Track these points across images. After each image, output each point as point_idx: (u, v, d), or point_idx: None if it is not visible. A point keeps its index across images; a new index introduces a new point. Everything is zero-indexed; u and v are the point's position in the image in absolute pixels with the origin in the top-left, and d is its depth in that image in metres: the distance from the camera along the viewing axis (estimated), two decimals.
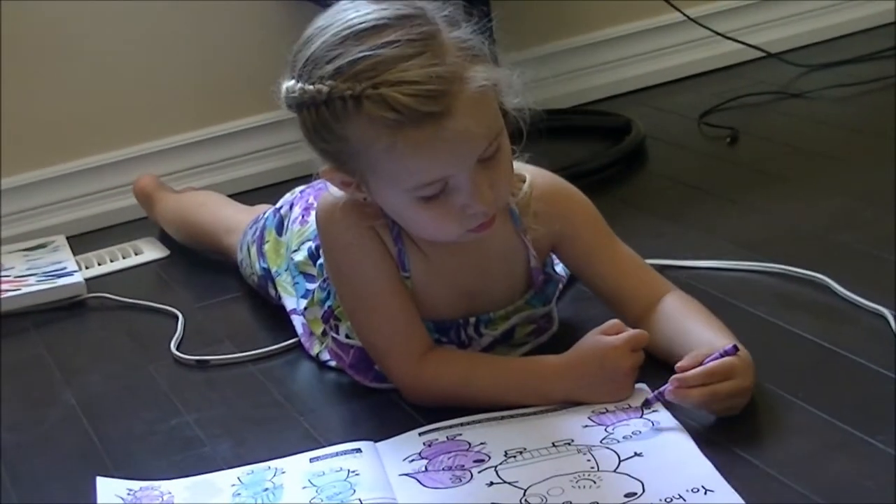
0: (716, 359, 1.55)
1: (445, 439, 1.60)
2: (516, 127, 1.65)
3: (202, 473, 1.63)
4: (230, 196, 2.58)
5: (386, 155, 1.55)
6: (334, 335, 1.83)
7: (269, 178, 2.77)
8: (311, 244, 1.90)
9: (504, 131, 1.62)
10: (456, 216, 1.61)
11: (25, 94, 2.62)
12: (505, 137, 1.63)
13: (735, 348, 1.55)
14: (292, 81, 1.60)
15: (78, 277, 2.33)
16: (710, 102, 2.84)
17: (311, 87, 1.57)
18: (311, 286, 1.88)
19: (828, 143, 2.54)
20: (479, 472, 1.53)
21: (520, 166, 1.73)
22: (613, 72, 3.05)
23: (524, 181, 1.75)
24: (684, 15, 2.95)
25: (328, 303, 1.82)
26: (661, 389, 1.56)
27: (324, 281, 1.83)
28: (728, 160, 2.55)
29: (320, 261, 1.82)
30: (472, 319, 1.79)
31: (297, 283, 1.94)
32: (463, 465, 1.54)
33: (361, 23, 1.56)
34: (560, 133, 2.69)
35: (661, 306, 1.74)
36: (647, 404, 1.57)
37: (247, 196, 2.64)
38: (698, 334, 1.65)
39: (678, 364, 1.57)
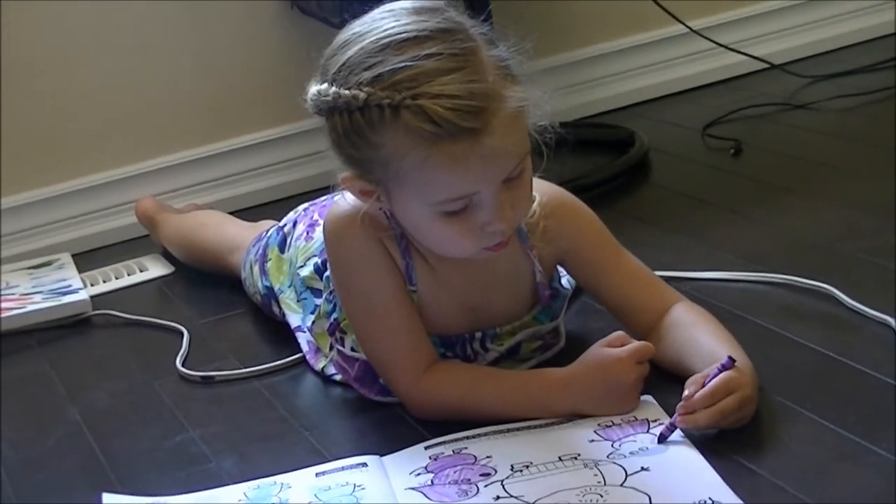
0: (715, 375, 1.54)
1: (451, 453, 1.60)
2: (537, 147, 1.65)
3: (207, 489, 1.63)
4: (235, 213, 2.59)
5: (418, 166, 1.55)
6: (340, 347, 1.82)
7: (273, 195, 2.78)
8: (317, 259, 1.90)
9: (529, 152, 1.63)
10: (475, 233, 1.61)
11: (29, 111, 2.63)
12: (529, 159, 1.63)
13: (731, 360, 1.55)
14: (325, 85, 1.59)
15: (83, 295, 2.33)
16: (714, 114, 2.84)
17: (346, 91, 1.55)
18: (319, 301, 1.88)
19: (832, 154, 2.54)
20: (486, 486, 1.52)
21: None
22: (617, 84, 3.05)
23: (534, 200, 1.75)
24: (687, 27, 2.95)
25: (334, 315, 1.82)
26: (672, 420, 1.56)
27: (330, 293, 1.82)
28: (732, 172, 2.55)
29: (327, 273, 1.82)
30: (478, 334, 1.78)
31: (305, 298, 1.94)
32: (469, 479, 1.54)
33: (402, 32, 1.56)
34: (564, 146, 2.69)
35: (668, 317, 1.74)
36: (661, 438, 1.56)
37: (251, 212, 2.64)
38: (706, 346, 1.65)
39: (684, 395, 1.56)
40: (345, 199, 1.74)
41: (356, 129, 1.56)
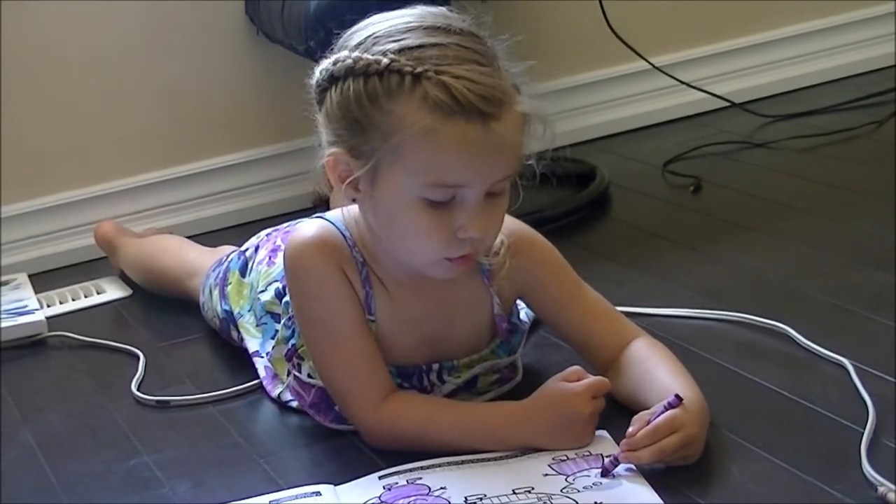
0: (660, 413, 1.55)
1: (405, 483, 1.60)
2: (514, 184, 1.66)
3: None
4: (196, 237, 2.58)
5: (423, 140, 1.56)
6: (297, 374, 1.82)
7: (235, 219, 2.77)
8: (279, 284, 1.90)
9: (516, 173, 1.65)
10: (448, 234, 1.61)
11: None
12: (508, 185, 1.64)
13: (678, 398, 1.56)
14: (345, 52, 1.61)
15: (39, 316, 2.32)
16: (675, 151, 2.86)
17: (369, 56, 1.58)
18: (279, 326, 1.88)
19: (790, 193, 2.56)
20: None
21: None
22: (579, 118, 3.06)
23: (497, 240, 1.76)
24: (650, 63, 2.97)
25: (292, 341, 1.82)
26: (616, 454, 1.57)
27: (288, 319, 1.82)
28: (691, 209, 2.56)
29: (286, 298, 1.82)
30: (436, 366, 1.79)
31: (265, 323, 1.93)
32: None
33: (434, 22, 1.60)
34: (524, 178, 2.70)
35: (627, 352, 1.75)
36: (605, 472, 1.57)
37: (212, 237, 2.63)
38: (661, 382, 1.65)
39: (628, 431, 1.57)
40: (308, 226, 1.74)
41: (370, 93, 1.58)
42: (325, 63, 1.63)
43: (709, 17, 3.15)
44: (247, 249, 2.06)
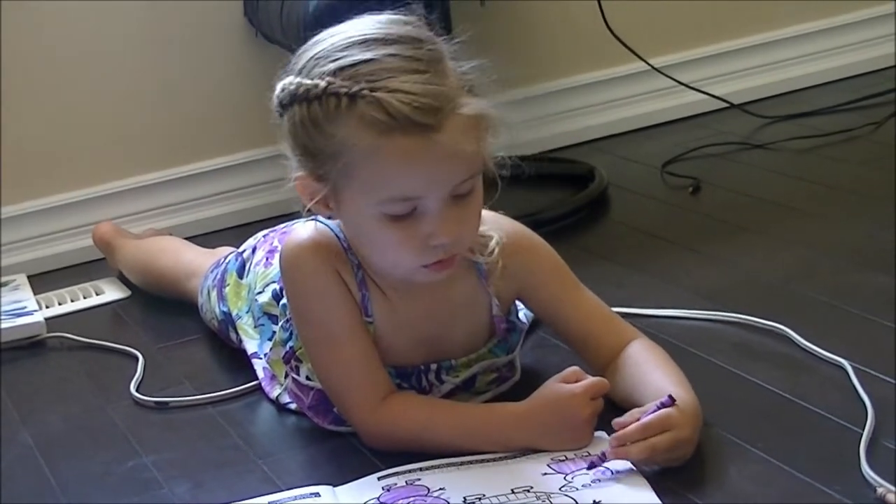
0: (653, 412, 1.55)
1: (404, 484, 1.60)
2: (492, 178, 1.66)
3: None
4: (194, 237, 2.58)
5: (367, 158, 1.56)
6: (294, 376, 1.82)
7: (233, 220, 2.77)
8: (276, 286, 1.90)
9: (481, 174, 1.64)
10: (419, 244, 1.62)
11: None
12: (480, 181, 1.64)
13: (671, 399, 1.56)
14: (291, 77, 1.61)
15: (38, 317, 2.32)
16: (674, 152, 2.86)
17: (308, 81, 1.58)
18: (277, 328, 1.88)
19: (789, 194, 2.56)
20: None
21: (483, 214, 1.73)
22: (577, 119, 3.06)
23: (493, 239, 1.75)
24: (648, 65, 2.97)
25: (290, 343, 1.82)
26: (604, 450, 1.57)
27: (286, 321, 1.82)
28: (690, 210, 2.56)
29: (283, 301, 1.82)
30: (434, 366, 1.79)
31: (263, 324, 1.93)
32: None
33: (373, 33, 1.59)
34: (522, 180, 2.70)
35: (624, 354, 1.74)
36: (591, 466, 1.57)
37: (210, 238, 2.63)
38: (655, 383, 1.65)
39: (615, 420, 1.57)
40: (303, 228, 1.75)
41: (313, 118, 1.58)
42: (277, 90, 1.63)
43: (708, 18, 3.16)
44: (244, 251, 2.06)
